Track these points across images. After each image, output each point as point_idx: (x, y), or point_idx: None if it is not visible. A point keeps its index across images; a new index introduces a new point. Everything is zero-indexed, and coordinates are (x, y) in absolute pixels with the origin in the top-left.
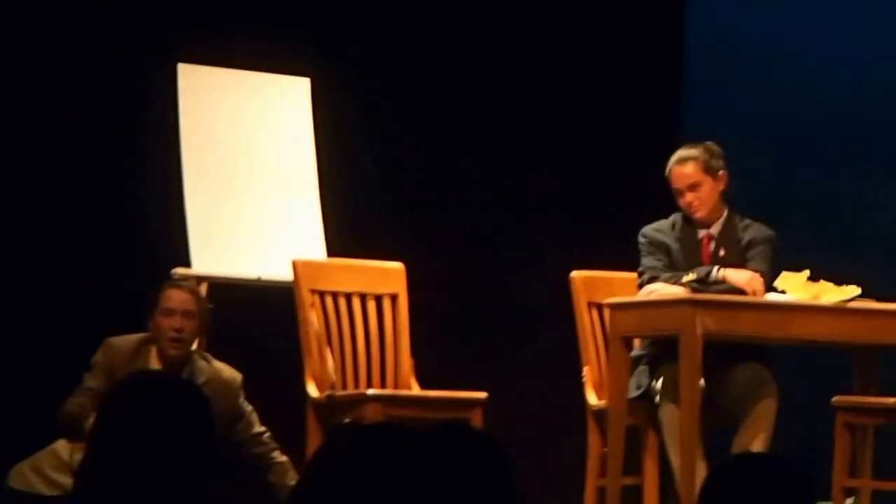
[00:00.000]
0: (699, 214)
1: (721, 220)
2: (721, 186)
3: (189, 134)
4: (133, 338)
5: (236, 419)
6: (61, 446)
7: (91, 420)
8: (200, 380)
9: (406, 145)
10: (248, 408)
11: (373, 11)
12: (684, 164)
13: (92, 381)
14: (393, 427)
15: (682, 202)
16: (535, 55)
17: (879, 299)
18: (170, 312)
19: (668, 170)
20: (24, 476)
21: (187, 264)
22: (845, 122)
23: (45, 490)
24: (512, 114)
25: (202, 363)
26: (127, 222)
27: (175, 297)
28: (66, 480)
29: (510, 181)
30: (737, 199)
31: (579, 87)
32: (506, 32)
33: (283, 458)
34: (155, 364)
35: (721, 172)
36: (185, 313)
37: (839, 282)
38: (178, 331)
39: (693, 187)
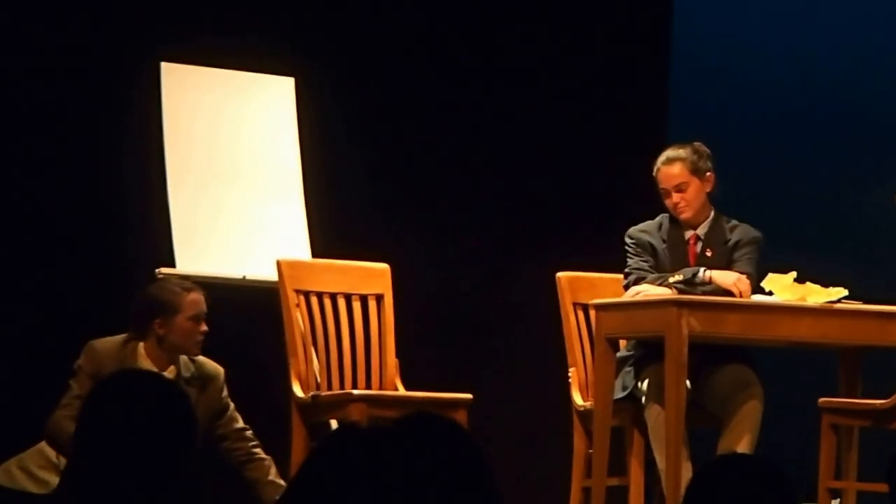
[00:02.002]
0: (685, 215)
1: (708, 221)
2: (708, 188)
3: (173, 133)
4: (115, 339)
5: (221, 413)
6: (47, 446)
7: None
8: (186, 375)
9: (391, 146)
10: (232, 403)
11: (357, 11)
12: (672, 165)
13: (79, 387)
14: (382, 429)
15: (668, 202)
16: (521, 56)
17: (866, 301)
18: (199, 318)
19: (655, 169)
20: (11, 474)
21: (171, 264)
22: (833, 124)
23: (33, 488)
24: (497, 115)
25: (185, 359)
26: (110, 222)
27: (202, 302)
28: (54, 479)
29: (495, 182)
30: (723, 201)
31: (565, 88)
32: (491, 34)
33: (265, 456)
34: (143, 362)
35: (708, 174)
36: (206, 315)
37: (826, 283)
38: (205, 334)
39: (680, 188)
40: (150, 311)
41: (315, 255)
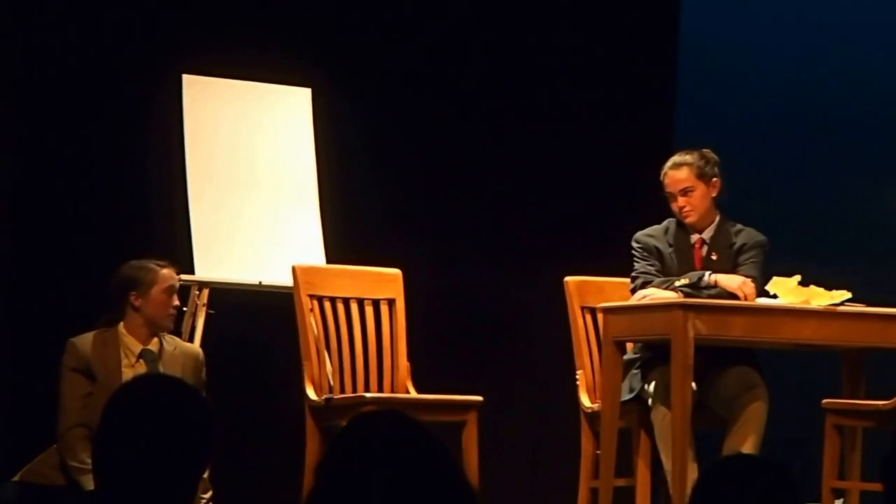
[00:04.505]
0: (690, 219)
1: (713, 226)
2: (714, 193)
3: (193, 143)
4: (91, 333)
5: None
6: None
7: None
8: (168, 349)
9: (404, 154)
10: (205, 389)
11: (373, 22)
12: (678, 169)
13: (68, 386)
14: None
15: (674, 206)
16: (530, 64)
17: (868, 303)
18: (172, 292)
19: (662, 174)
20: (31, 474)
21: (191, 270)
22: (836, 129)
23: (57, 481)
24: (507, 122)
25: (167, 335)
26: (132, 229)
27: (175, 278)
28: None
29: (505, 189)
30: (729, 205)
31: (573, 94)
32: (502, 43)
33: None
34: (128, 341)
35: (714, 179)
36: (178, 292)
37: (829, 286)
38: (177, 308)
39: (685, 192)
40: (127, 286)
41: (330, 261)
